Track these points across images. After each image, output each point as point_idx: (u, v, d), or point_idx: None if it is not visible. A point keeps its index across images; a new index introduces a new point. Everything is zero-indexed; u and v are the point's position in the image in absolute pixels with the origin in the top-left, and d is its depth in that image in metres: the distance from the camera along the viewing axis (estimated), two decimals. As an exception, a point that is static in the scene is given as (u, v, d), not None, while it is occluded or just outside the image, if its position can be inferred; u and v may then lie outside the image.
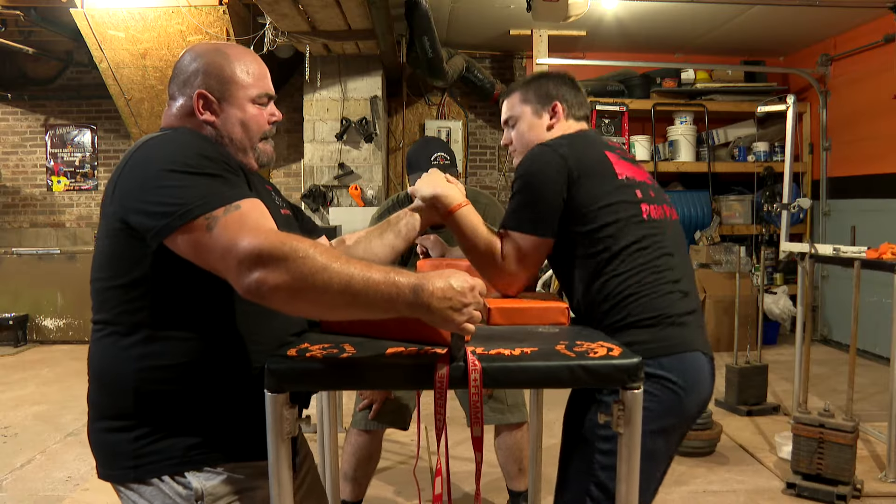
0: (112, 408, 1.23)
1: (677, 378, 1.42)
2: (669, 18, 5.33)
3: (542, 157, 1.49)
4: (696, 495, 2.91)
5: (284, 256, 1.03)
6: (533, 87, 1.65)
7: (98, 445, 1.27)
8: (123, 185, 1.18)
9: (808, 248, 3.46)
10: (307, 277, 1.03)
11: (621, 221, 1.46)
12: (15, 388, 4.57)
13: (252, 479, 1.25)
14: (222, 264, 1.08)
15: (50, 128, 6.63)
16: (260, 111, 1.35)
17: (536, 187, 1.47)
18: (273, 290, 1.04)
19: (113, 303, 1.22)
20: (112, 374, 1.22)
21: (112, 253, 1.21)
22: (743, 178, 6.15)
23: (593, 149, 1.54)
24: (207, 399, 1.22)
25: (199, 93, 1.29)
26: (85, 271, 1.32)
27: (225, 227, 1.08)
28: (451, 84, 6.06)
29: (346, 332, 1.34)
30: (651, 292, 1.44)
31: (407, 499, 2.93)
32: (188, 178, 1.13)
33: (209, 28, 4.78)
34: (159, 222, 1.11)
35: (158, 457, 1.20)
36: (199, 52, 1.32)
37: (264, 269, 1.03)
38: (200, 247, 1.09)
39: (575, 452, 1.46)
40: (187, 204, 1.10)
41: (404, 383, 1.16)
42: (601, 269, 1.45)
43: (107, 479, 1.26)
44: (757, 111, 4.56)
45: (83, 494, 2.94)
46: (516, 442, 2.46)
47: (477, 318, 1.08)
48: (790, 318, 5.63)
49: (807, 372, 3.39)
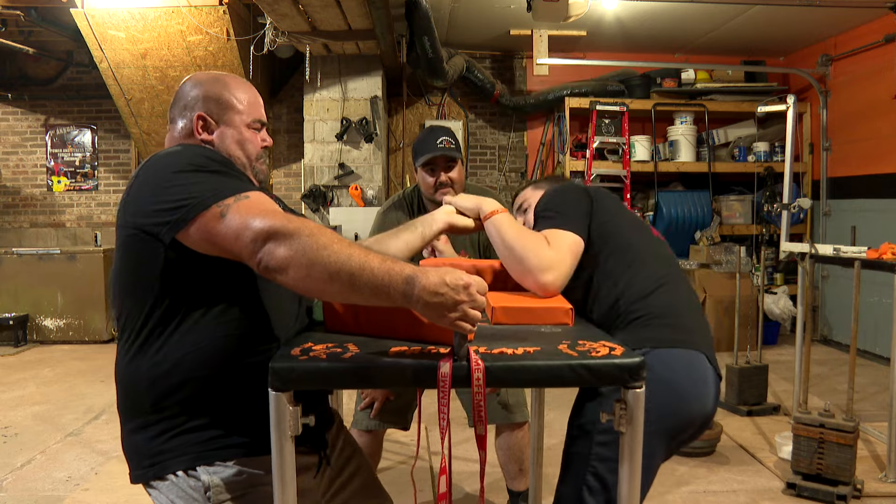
0: (133, 410, 1.29)
1: (667, 374, 1.45)
2: (669, 18, 5.33)
3: (562, 185, 1.69)
4: (697, 495, 2.91)
5: (291, 233, 1.10)
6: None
7: (126, 448, 1.32)
8: (136, 194, 1.25)
9: (809, 248, 3.46)
10: (310, 253, 1.08)
11: (633, 232, 1.61)
12: (15, 388, 4.56)
13: (261, 475, 1.28)
14: (237, 245, 1.14)
15: (50, 128, 6.62)
16: (254, 135, 1.45)
17: (561, 202, 1.60)
18: (281, 263, 1.10)
19: (129, 308, 1.28)
20: (130, 378, 1.28)
21: (127, 259, 1.27)
22: (743, 178, 6.15)
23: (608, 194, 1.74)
24: (219, 396, 1.26)
25: (199, 115, 1.39)
26: (85, 271, 1.38)
27: (237, 211, 1.15)
28: (451, 84, 6.06)
29: (351, 331, 1.35)
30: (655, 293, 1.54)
31: (407, 499, 2.93)
32: (197, 175, 1.21)
33: (209, 28, 4.78)
34: (173, 216, 1.18)
35: (172, 454, 1.25)
36: (199, 80, 1.44)
37: (274, 243, 1.10)
38: (215, 233, 1.16)
39: (574, 445, 1.49)
40: (199, 196, 1.18)
41: (407, 382, 1.16)
42: (610, 268, 1.55)
43: (135, 480, 1.31)
44: (757, 111, 4.56)
45: (83, 494, 2.94)
46: (517, 442, 2.46)
47: (473, 317, 1.08)
48: (790, 318, 5.64)
49: (807, 372, 3.39)
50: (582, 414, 1.48)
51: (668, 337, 1.48)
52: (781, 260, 5.77)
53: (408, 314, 1.28)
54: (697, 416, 1.49)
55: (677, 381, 1.46)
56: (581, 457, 1.46)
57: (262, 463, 1.27)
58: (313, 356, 1.15)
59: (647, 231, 1.68)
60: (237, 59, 5.03)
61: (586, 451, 1.44)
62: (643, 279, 1.54)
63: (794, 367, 3.70)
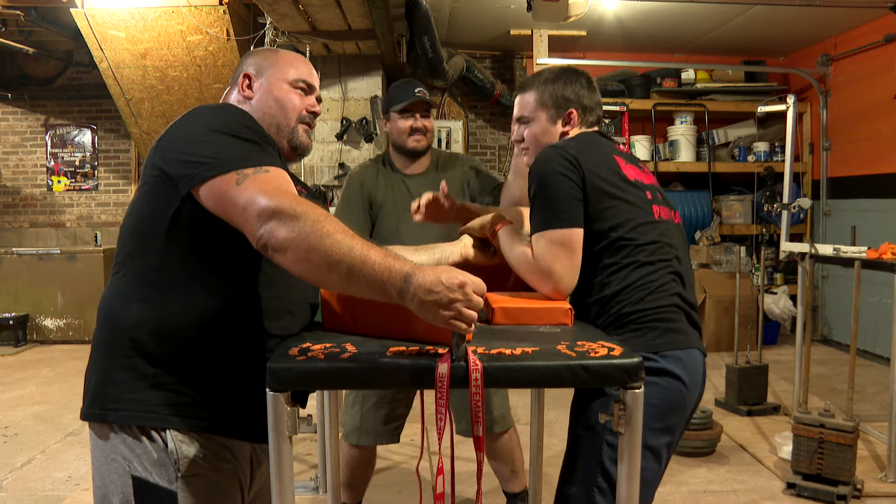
0: (112, 348, 1.26)
1: (681, 373, 1.46)
2: (669, 18, 5.33)
3: (552, 156, 1.51)
4: (696, 495, 2.91)
5: (296, 216, 1.11)
6: (549, 91, 1.66)
7: (91, 383, 1.29)
8: (168, 136, 1.28)
9: (809, 248, 3.46)
10: (311, 239, 1.09)
11: (635, 220, 1.49)
12: (15, 388, 4.57)
13: (220, 456, 1.27)
14: (242, 216, 1.15)
15: (50, 128, 6.62)
16: (298, 94, 1.43)
17: (551, 185, 1.49)
18: (280, 243, 1.11)
19: (133, 247, 1.28)
20: (118, 316, 1.26)
21: (146, 200, 1.28)
22: (743, 178, 6.15)
23: (601, 150, 1.57)
24: (200, 361, 1.25)
25: (245, 73, 1.43)
26: (85, 271, 1.37)
27: (252, 183, 1.17)
28: (451, 84, 6.06)
29: (349, 330, 1.35)
30: (662, 291, 1.48)
31: (407, 499, 2.93)
32: (229, 139, 1.23)
33: (209, 28, 4.78)
34: (193, 170, 1.20)
35: (141, 406, 1.22)
36: (254, 51, 1.50)
37: (277, 223, 1.11)
38: (225, 198, 1.17)
39: (582, 444, 1.47)
40: (222, 159, 1.20)
41: (406, 383, 1.16)
42: (614, 265, 1.49)
43: (88, 417, 1.28)
44: (757, 111, 4.55)
45: (83, 494, 2.94)
46: (504, 444, 2.46)
47: (469, 316, 1.07)
48: (790, 318, 5.63)
49: (807, 372, 3.39)
50: (589, 414, 1.45)
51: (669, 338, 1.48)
52: (781, 260, 5.76)
53: (407, 313, 1.28)
54: (692, 407, 1.54)
55: (693, 381, 1.50)
56: (590, 457, 1.44)
57: (229, 445, 1.27)
58: (311, 356, 1.15)
59: (646, 205, 1.53)
60: (237, 59, 5.03)
61: (596, 452, 1.42)
62: (638, 277, 1.48)
63: (794, 367, 3.70)
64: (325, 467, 2.87)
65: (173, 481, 1.22)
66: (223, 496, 1.28)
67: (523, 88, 1.71)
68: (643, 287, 1.47)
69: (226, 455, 1.28)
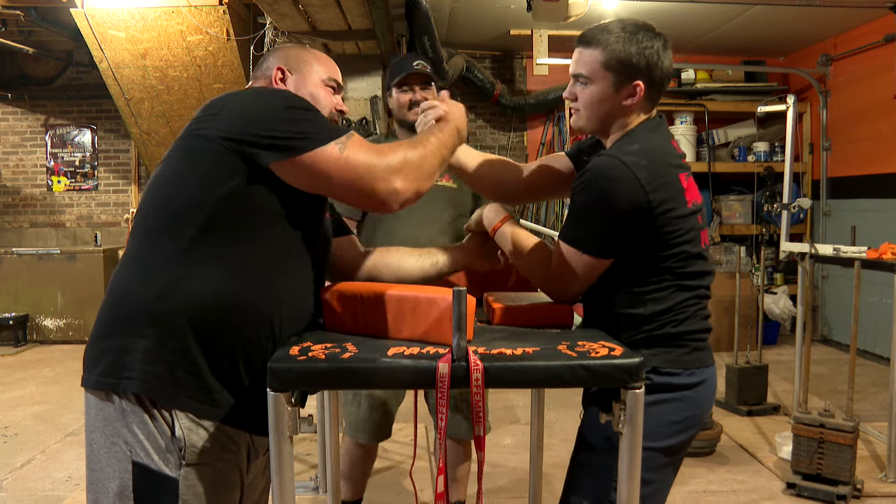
0: (131, 322, 1.22)
1: (705, 389, 1.47)
2: (669, 18, 5.33)
3: (618, 176, 1.35)
4: (696, 495, 2.91)
5: (414, 164, 1.27)
6: (619, 54, 1.44)
7: (93, 354, 1.26)
8: (232, 113, 1.25)
9: (809, 248, 3.46)
10: (421, 173, 1.28)
11: (687, 252, 1.41)
12: (15, 388, 4.56)
13: (225, 447, 1.26)
14: (363, 179, 1.23)
15: (50, 128, 6.62)
16: (329, 92, 1.48)
17: (604, 210, 1.36)
18: (410, 197, 1.26)
19: (163, 222, 1.25)
20: (141, 292, 1.22)
21: (191, 172, 1.25)
22: (743, 178, 6.15)
23: (668, 169, 1.43)
24: (221, 346, 1.23)
25: (278, 66, 1.46)
26: (85, 271, 1.34)
27: (354, 147, 1.25)
28: (451, 84, 6.06)
29: (349, 330, 1.35)
30: (697, 316, 1.46)
31: (408, 499, 2.93)
32: (309, 113, 1.27)
33: (209, 28, 4.78)
34: (287, 143, 1.22)
35: (159, 382, 1.20)
36: (280, 47, 1.54)
37: (400, 176, 1.25)
38: (332, 167, 1.23)
39: (596, 456, 1.43)
40: (316, 131, 1.24)
41: (406, 383, 1.16)
42: (656, 289, 1.42)
43: (101, 386, 1.23)
44: (757, 111, 4.55)
45: (83, 494, 2.93)
46: (455, 451, 2.47)
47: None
48: (790, 318, 5.63)
49: (807, 372, 3.39)
50: (605, 425, 1.31)
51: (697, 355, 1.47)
52: (781, 260, 5.76)
53: (407, 314, 1.29)
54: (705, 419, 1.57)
55: (712, 396, 1.52)
56: (604, 469, 1.38)
57: (232, 435, 1.26)
58: (312, 356, 1.15)
59: (696, 235, 1.44)
60: (237, 59, 5.03)
61: (610, 463, 1.31)
62: (686, 303, 1.43)
63: (794, 367, 3.70)
64: (325, 467, 2.87)
65: (177, 469, 1.21)
66: (225, 487, 1.27)
67: (587, 42, 1.48)
68: (681, 311, 1.42)
69: (231, 446, 1.27)
